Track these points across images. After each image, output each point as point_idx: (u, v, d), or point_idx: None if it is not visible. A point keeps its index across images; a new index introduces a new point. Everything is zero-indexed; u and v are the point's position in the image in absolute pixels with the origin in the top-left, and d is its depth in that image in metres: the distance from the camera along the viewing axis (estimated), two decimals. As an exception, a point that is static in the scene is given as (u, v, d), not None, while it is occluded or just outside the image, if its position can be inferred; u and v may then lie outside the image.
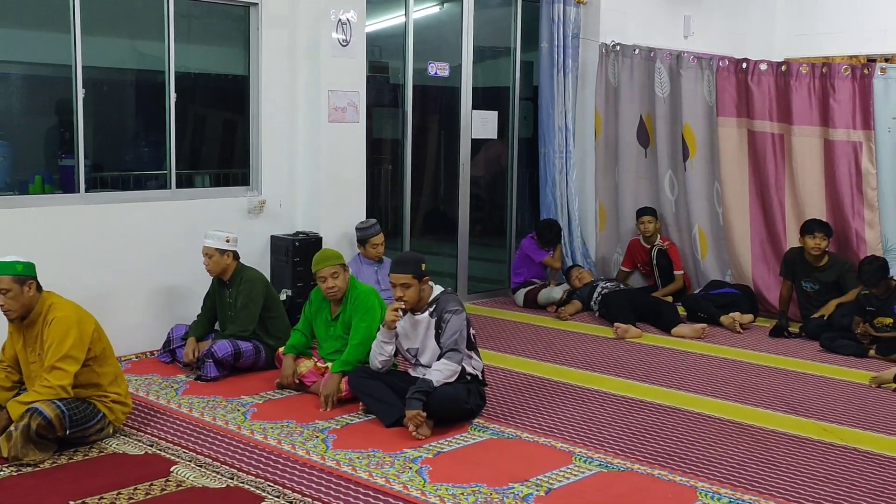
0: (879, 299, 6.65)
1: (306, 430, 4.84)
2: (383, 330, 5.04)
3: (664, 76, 8.47)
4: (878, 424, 5.13)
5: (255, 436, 4.75)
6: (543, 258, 8.31)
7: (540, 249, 8.34)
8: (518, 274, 8.46)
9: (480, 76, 8.70)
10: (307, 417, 5.05)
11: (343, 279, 5.52)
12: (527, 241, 8.46)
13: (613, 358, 6.55)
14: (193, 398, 5.38)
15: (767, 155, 7.90)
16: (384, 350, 5.07)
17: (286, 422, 4.97)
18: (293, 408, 5.24)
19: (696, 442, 4.78)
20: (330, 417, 5.07)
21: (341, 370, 5.31)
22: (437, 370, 4.85)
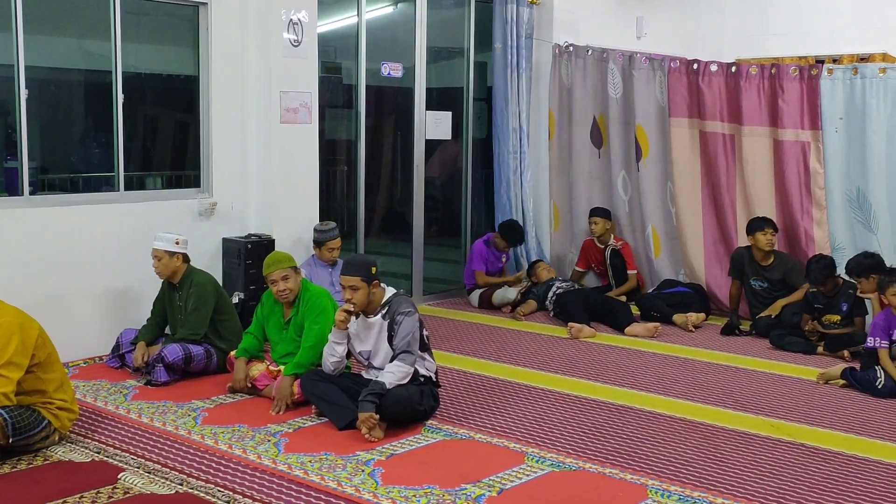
0: (827, 297, 6.78)
1: (258, 434, 4.83)
2: (335, 331, 5.05)
3: (617, 77, 8.55)
4: (825, 420, 5.23)
5: (206, 441, 4.72)
6: (478, 268, 8.33)
7: (482, 258, 8.36)
8: (472, 275, 8.49)
9: (434, 77, 8.72)
10: (259, 421, 5.04)
11: (294, 282, 5.51)
12: (477, 243, 8.48)
13: (567, 358, 6.60)
14: (143, 403, 5.34)
15: (719, 155, 8.01)
16: (336, 352, 5.07)
17: (237, 426, 4.95)
18: (245, 412, 5.22)
19: (646, 440, 4.84)
20: (282, 421, 5.06)
21: (294, 373, 5.31)
22: (390, 372, 4.87)
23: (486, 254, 8.41)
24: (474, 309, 8.32)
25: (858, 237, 7.38)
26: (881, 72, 7.18)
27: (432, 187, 9.11)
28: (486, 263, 8.41)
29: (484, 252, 8.40)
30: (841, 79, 7.36)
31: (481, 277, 8.37)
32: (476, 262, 8.38)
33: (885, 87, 7.16)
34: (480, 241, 8.52)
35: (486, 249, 8.40)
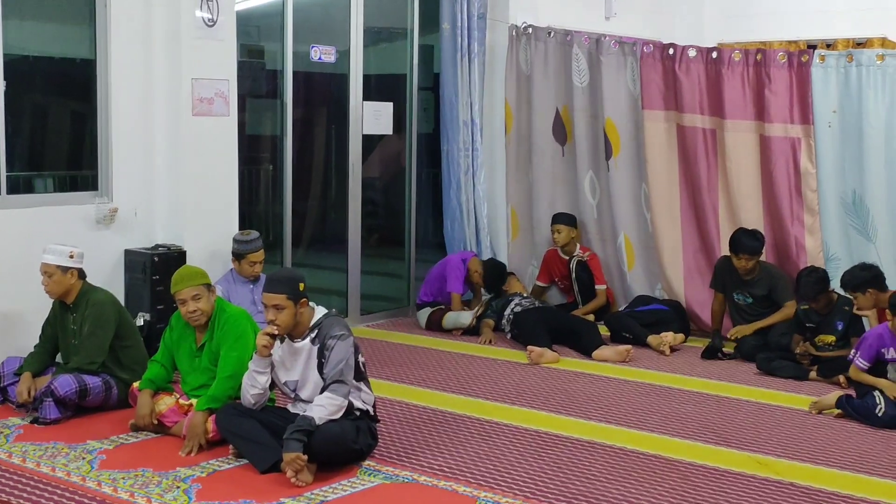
0: (820, 315, 6.90)
1: (165, 480, 4.78)
2: (256, 358, 5.02)
3: (582, 63, 8.63)
4: (819, 456, 5.32)
5: (104, 488, 4.67)
6: (457, 290, 8.35)
7: (462, 278, 8.38)
8: (429, 291, 8.50)
9: (373, 62, 8.73)
10: (167, 464, 4.98)
11: (207, 302, 5.47)
12: (455, 258, 8.49)
13: (526, 386, 6.63)
14: (28, 445, 5.25)
15: (699, 153, 8.12)
16: (257, 382, 5.04)
17: (141, 470, 4.90)
18: (150, 453, 5.16)
19: (616, 480, 4.87)
20: (194, 464, 5.01)
21: (208, 407, 5.26)
22: (320, 405, 4.85)
23: (464, 275, 8.42)
24: (420, 331, 8.33)
25: (854, 246, 7.53)
26: (879, 59, 7.34)
27: (371, 190, 9.12)
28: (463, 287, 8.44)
29: (462, 271, 8.40)
30: (834, 67, 7.50)
31: (457, 302, 8.38)
32: (454, 281, 8.37)
33: (883, 76, 7.32)
34: (457, 257, 8.53)
35: (463, 268, 8.42)
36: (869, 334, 6.02)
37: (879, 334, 5.96)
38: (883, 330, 5.98)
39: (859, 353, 5.97)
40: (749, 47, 8.36)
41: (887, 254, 7.36)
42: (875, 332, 6.01)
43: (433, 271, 8.58)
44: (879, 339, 5.93)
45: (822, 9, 10.08)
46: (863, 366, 5.95)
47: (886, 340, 5.93)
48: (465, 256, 8.54)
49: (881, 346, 5.92)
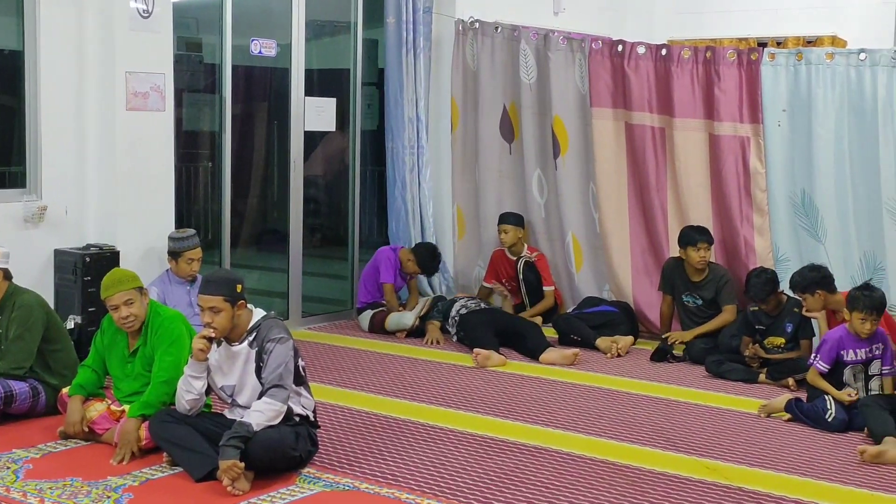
0: (770, 317, 6.97)
1: (95, 489, 4.71)
2: (191, 362, 4.96)
3: (530, 59, 8.66)
4: (767, 460, 5.37)
5: (30, 499, 4.59)
6: (388, 280, 8.33)
7: (394, 267, 8.35)
8: (367, 290, 8.46)
9: (315, 56, 8.69)
10: (97, 473, 4.91)
11: (140, 306, 5.39)
12: (385, 249, 8.46)
13: (472, 390, 6.63)
14: (-49, 454, 5.16)
15: (647, 151, 8.18)
16: (192, 387, 4.98)
17: (70, 480, 4.82)
18: (80, 462, 5.08)
19: (564, 487, 4.88)
20: (126, 472, 4.94)
21: (141, 414, 5.19)
22: (258, 411, 4.81)
23: (396, 265, 8.38)
24: (364, 334, 8.30)
25: (804, 247, 7.63)
26: (828, 57, 7.45)
27: (314, 188, 9.07)
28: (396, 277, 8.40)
29: (394, 261, 8.37)
30: (784, 65, 7.60)
31: (390, 292, 8.35)
32: (386, 271, 8.33)
33: (832, 74, 7.42)
34: (388, 248, 8.50)
35: (395, 258, 8.38)
36: (828, 337, 6.07)
37: (839, 337, 6.02)
38: (842, 332, 6.05)
39: (819, 357, 6.02)
40: (699, 44, 8.43)
41: (836, 255, 7.46)
42: (834, 334, 6.07)
43: (366, 270, 8.55)
44: (839, 342, 6.00)
45: (772, 6, 10.20)
46: (823, 369, 6.00)
47: (846, 342, 6.00)
48: (396, 248, 8.52)
49: (841, 349, 5.99)
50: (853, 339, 5.99)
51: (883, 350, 6.05)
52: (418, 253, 8.45)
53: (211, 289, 4.90)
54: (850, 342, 5.99)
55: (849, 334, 5.99)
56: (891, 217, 7.28)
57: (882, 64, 7.24)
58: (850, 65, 7.37)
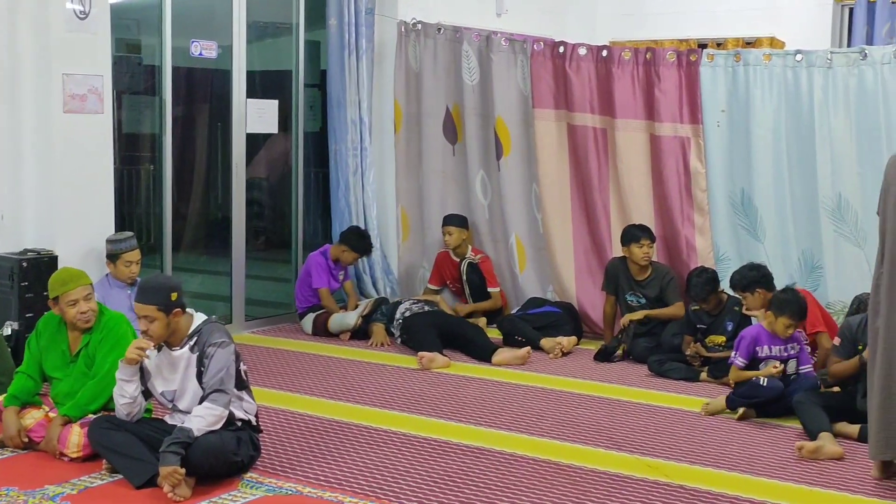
0: (711, 315, 7.05)
1: (32, 499, 4.64)
2: (122, 366, 4.92)
3: (473, 61, 8.68)
4: (709, 457, 5.43)
5: (-35, 508, 4.53)
6: (321, 285, 8.31)
7: (326, 271, 8.33)
8: (303, 297, 8.44)
9: (257, 58, 8.65)
10: (34, 482, 4.84)
11: (95, 302, 5.37)
12: (314, 255, 8.44)
13: (416, 392, 6.64)
14: None
15: (589, 152, 8.24)
16: (125, 392, 4.94)
17: (6, 489, 4.75)
18: (16, 471, 5.01)
19: (508, 487, 4.91)
20: (64, 480, 4.88)
21: (69, 414, 5.18)
22: (199, 416, 4.78)
23: (328, 267, 8.36)
24: (307, 337, 8.27)
25: (743, 246, 7.73)
26: (766, 58, 7.55)
27: (256, 191, 9.03)
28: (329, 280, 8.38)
29: (325, 265, 8.35)
30: (723, 66, 7.69)
31: (326, 297, 8.33)
32: (318, 276, 8.32)
33: (770, 75, 7.53)
34: (317, 253, 8.47)
35: (325, 262, 8.36)
36: (745, 334, 6.21)
37: (756, 334, 6.16)
38: (759, 329, 6.18)
39: (738, 353, 6.17)
40: (641, 46, 8.50)
41: (775, 253, 7.56)
42: (751, 331, 6.21)
43: (300, 278, 8.54)
44: (756, 339, 6.14)
45: (713, 8, 10.31)
46: (741, 364, 6.14)
47: (762, 339, 6.13)
48: (324, 250, 8.50)
49: (756, 345, 6.12)
50: (769, 336, 6.13)
51: (799, 350, 6.19)
52: (347, 239, 8.43)
53: (144, 297, 4.86)
54: (766, 339, 6.14)
55: (765, 331, 6.14)
56: (827, 216, 7.41)
57: (818, 65, 7.36)
58: (786, 66, 7.48)
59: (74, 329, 5.41)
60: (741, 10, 10.14)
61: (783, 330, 6.07)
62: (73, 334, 5.43)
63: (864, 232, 7.29)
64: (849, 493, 4.92)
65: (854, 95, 7.28)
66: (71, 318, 5.34)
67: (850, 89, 7.28)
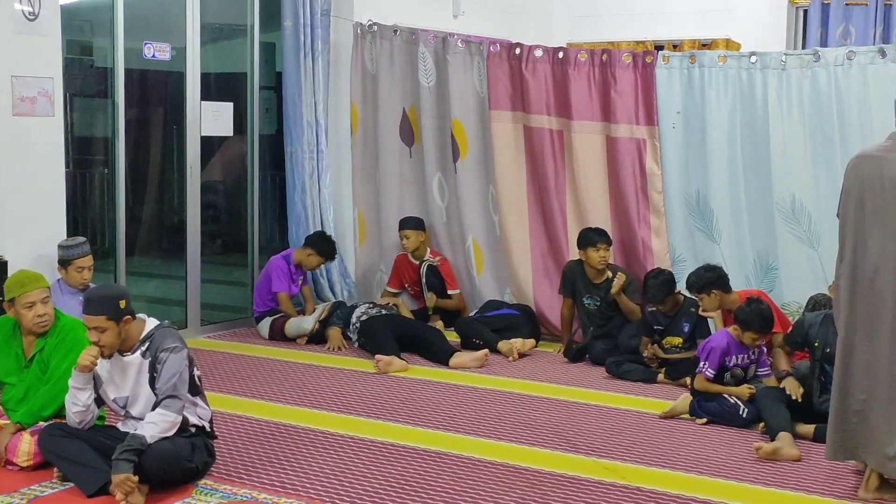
0: (667, 317, 7.09)
1: (-19, 508, 4.60)
2: (75, 374, 4.86)
3: (429, 62, 8.68)
4: (665, 459, 5.45)
5: (-88, 520, 4.46)
6: (282, 289, 8.27)
7: (287, 276, 8.29)
8: (261, 300, 8.39)
9: (211, 60, 8.61)
10: (-17, 492, 4.79)
11: (52, 307, 5.32)
12: (276, 258, 8.40)
13: (373, 396, 6.62)
14: None
15: (546, 154, 8.26)
16: (78, 400, 4.88)
17: (-46, 499, 4.70)
18: (-35, 480, 4.96)
19: (465, 491, 4.91)
20: (13, 490, 4.82)
21: (21, 421, 5.12)
22: (152, 423, 4.74)
23: (289, 272, 8.33)
24: (264, 341, 8.23)
25: (699, 248, 7.78)
26: (721, 60, 7.61)
27: (212, 194, 8.97)
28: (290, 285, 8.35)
29: (286, 269, 8.31)
30: (678, 68, 7.74)
31: (285, 301, 8.29)
32: (278, 280, 8.28)
33: (725, 77, 7.59)
34: (278, 257, 8.43)
35: (287, 267, 8.32)
36: (714, 344, 6.19)
37: (725, 344, 6.16)
38: (727, 339, 6.19)
39: (707, 364, 6.14)
40: (597, 47, 8.54)
41: (731, 255, 7.62)
42: (719, 341, 6.20)
43: (259, 281, 8.50)
44: (726, 349, 6.15)
45: (669, 10, 10.39)
46: (710, 375, 6.12)
47: (731, 349, 6.16)
48: (286, 255, 8.46)
49: (726, 355, 6.14)
50: (738, 346, 6.17)
51: (759, 354, 6.25)
52: (314, 243, 8.40)
53: (92, 308, 4.79)
54: (736, 348, 6.17)
55: (734, 340, 6.16)
56: (782, 218, 7.48)
57: (772, 67, 7.43)
58: (741, 67, 7.54)
59: (29, 333, 5.34)
60: (697, 11, 10.23)
61: (751, 342, 6.14)
62: (27, 339, 5.37)
63: (818, 234, 7.38)
64: (804, 494, 4.96)
65: (808, 97, 7.36)
66: (27, 322, 5.28)
67: (804, 91, 7.36)
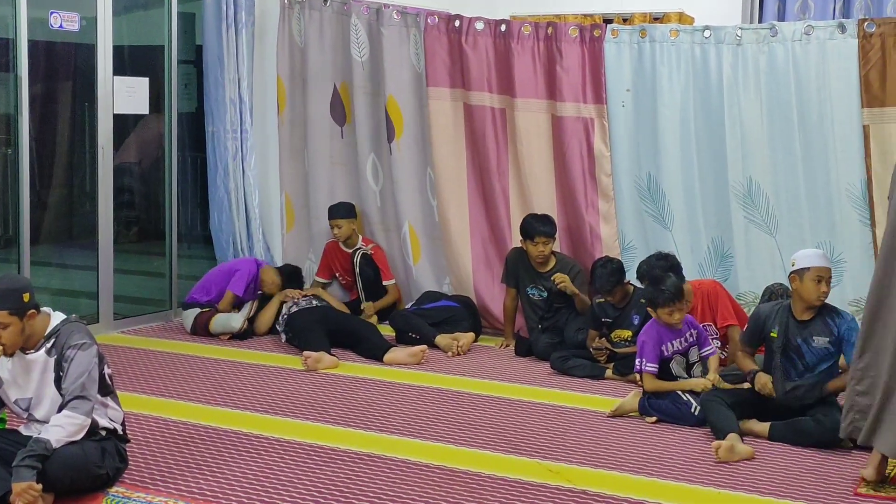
0: (616, 308, 7.13)
1: None
2: (-28, 375, 4.80)
3: (362, 35, 8.63)
4: (613, 460, 5.49)
5: None
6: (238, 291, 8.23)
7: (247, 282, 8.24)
8: (206, 291, 8.34)
9: (125, 32, 8.53)
10: None
11: None
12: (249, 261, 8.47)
13: (301, 395, 6.60)
14: None
15: (487, 134, 8.26)
16: (-22, 403, 4.81)
17: None
18: None
19: (399, 496, 4.90)
20: None
21: None
22: (58, 426, 4.67)
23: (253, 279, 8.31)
24: (184, 336, 8.17)
25: (651, 234, 7.83)
26: (672, 35, 7.64)
27: (127, 177, 8.91)
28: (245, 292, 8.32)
29: (253, 276, 8.30)
30: (628, 42, 7.76)
31: (229, 303, 8.25)
32: (239, 280, 8.25)
33: (677, 53, 7.62)
34: (251, 260, 8.46)
35: (255, 274, 8.32)
36: (647, 338, 6.24)
37: (657, 333, 6.22)
38: (657, 328, 6.25)
39: (646, 360, 6.19)
40: (542, 20, 8.54)
41: (684, 241, 7.66)
42: (651, 333, 6.24)
43: (216, 272, 8.45)
44: (659, 339, 6.20)
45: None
46: (654, 370, 6.17)
47: (664, 336, 6.21)
48: (259, 263, 8.50)
49: (661, 344, 6.19)
50: (669, 332, 6.22)
51: (697, 336, 6.30)
52: (285, 274, 8.42)
53: None
54: (668, 335, 6.22)
55: (663, 328, 6.22)
56: (738, 202, 7.54)
57: (727, 42, 7.47)
58: (694, 42, 7.58)
59: None
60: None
61: (669, 318, 6.16)
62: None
63: (776, 219, 7.46)
64: (758, 496, 5.01)
65: (764, 74, 7.42)
66: None
67: (761, 67, 7.42)
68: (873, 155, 7.18)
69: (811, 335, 5.79)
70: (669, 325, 6.18)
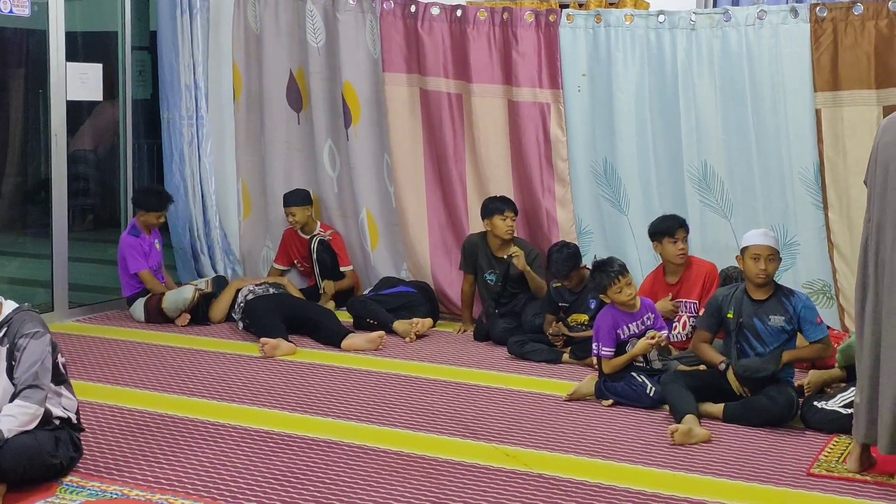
0: (573, 293, 7.16)
1: None
2: (-77, 366, 4.74)
3: (318, 21, 8.61)
4: (569, 444, 5.51)
5: None
6: (140, 268, 8.12)
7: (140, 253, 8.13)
8: (126, 285, 8.27)
9: (77, 17, 8.48)
10: None
11: None
12: (125, 238, 8.24)
13: (258, 382, 6.58)
14: None
15: (444, 119, 8.27)
16: (-77, 395, 4.76)
17: None
18: None
19: (356, 482, 4.89)
20: None
21: None
22: (10, 415, 4.63)
23: (140, 247, 8.17)
24: (141, 325, 8.12)
25: (607, 219, 7.87)
26: (627, 19, 7.68)
27: (81, 164, 8.85)
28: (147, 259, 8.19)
29: (136, 245, 8.16)
30: (583, 27, 7.79)
31: (149, 279, 8.16)
32: (133, 260, 8.13)
33: (632, 37, 7.66)
34: (125, 234, 8.29)
35: (136, 241, 8.18)
36: (602, 322, 6.25)
37: (612, 317, 6.23)
38: (612, 312, 6.27)
39: (602, 344, 6.21)
40: (498, 6, 8.54)
41: (640, 226, 7.69)
42: (607, 318, 6.25)
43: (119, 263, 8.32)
44: (614, 322, 6.22)
45: (574, -34, 10.43)
46: (610, 354, 6.19)
47: (619, 320, 6.23)
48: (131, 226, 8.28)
49: (616, 328, 6.21)
50: (624, 315, 6.25)
51: (654, 319, 6.34)
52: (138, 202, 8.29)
53: None
54: (623, 318, 6.24)
55: (618, 311, 6.24)
56: (693, 186, 7.60)
57: (681, 26, 7.52)
58: (649, 27, 7.62)
59: None
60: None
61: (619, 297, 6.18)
62: None
63: (731, 202, 7.52)
64: (713, 477, 5.05)
65: (718, 58, 7.47)
66: None
67: (714, 52, 7.47)
68: (825, 139, 7.26)
69: (766, 314, 5.84)
70: (624, 305, 6.21)
